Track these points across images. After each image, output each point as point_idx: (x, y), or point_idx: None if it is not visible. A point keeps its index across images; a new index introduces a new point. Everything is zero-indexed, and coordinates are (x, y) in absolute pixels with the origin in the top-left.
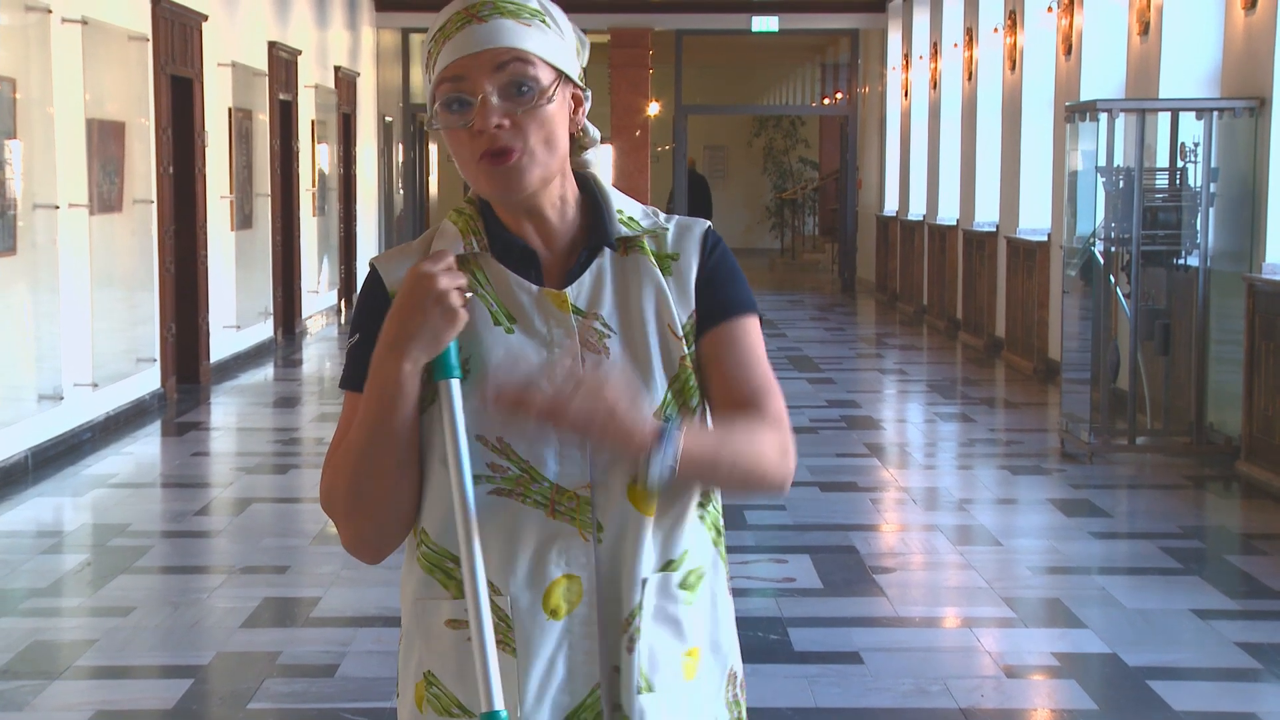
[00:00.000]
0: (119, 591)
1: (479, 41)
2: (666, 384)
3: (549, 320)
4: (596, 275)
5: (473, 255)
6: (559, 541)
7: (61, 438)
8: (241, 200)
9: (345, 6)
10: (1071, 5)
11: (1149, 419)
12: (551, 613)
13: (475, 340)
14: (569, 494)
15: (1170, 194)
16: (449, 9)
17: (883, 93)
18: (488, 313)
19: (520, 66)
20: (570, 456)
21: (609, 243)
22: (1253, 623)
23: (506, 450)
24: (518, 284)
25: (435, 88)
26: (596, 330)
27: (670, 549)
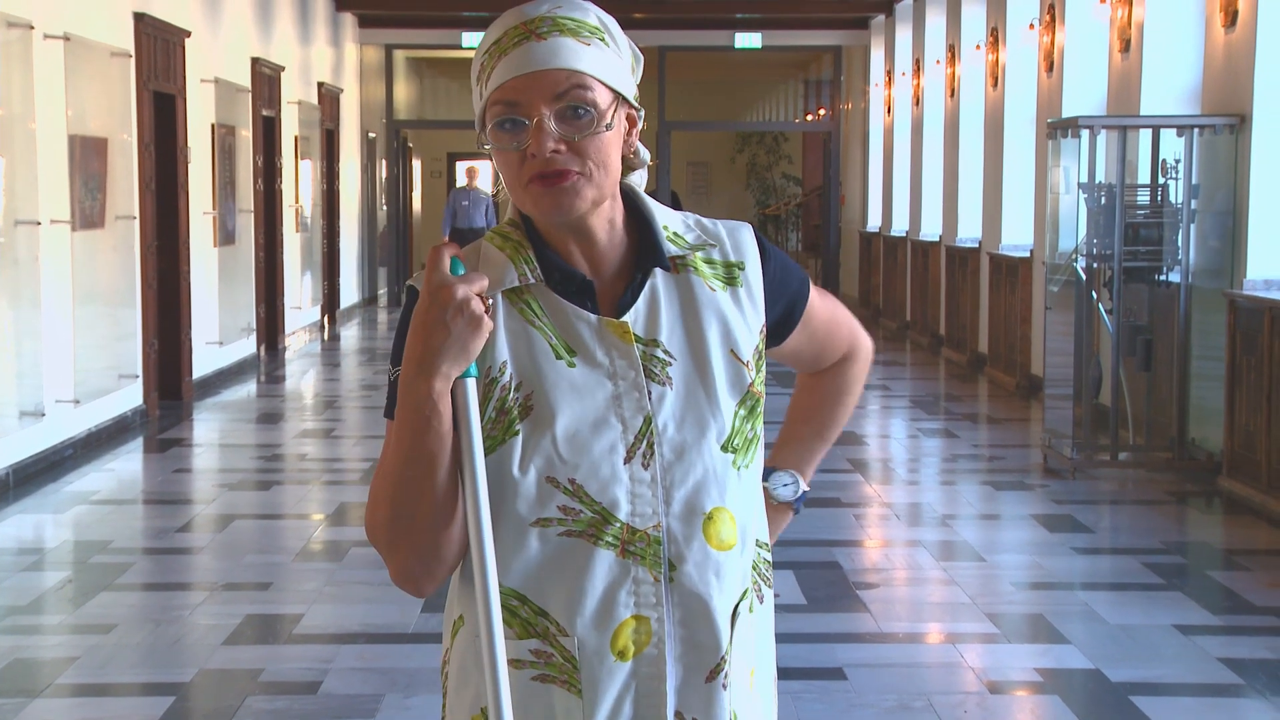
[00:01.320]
0: (100, 609)
1: (537, 61)
2: (733, 409)
3: (611, 352)
4: (650, 299)
5: (526, 286)
6: (629, 582)
7: (43, 454)
8: (224, 216)
9: (328, 23)
10: (1053, 22)
11: (1131, 435)
12: (619, 654)
13: (538, 376)
14: (641, 534)
15: (1152, 210)
16: (504, 21)
17: (865, 109)
18: (548, 346)
19: (579, 91)
20: (642, 496)
21: (662, 264)
22: (1235, 638)
23: (579, 493)
24: (576, 315)
25: (488, 106)
26: (659, 359)
27: (748, 577)
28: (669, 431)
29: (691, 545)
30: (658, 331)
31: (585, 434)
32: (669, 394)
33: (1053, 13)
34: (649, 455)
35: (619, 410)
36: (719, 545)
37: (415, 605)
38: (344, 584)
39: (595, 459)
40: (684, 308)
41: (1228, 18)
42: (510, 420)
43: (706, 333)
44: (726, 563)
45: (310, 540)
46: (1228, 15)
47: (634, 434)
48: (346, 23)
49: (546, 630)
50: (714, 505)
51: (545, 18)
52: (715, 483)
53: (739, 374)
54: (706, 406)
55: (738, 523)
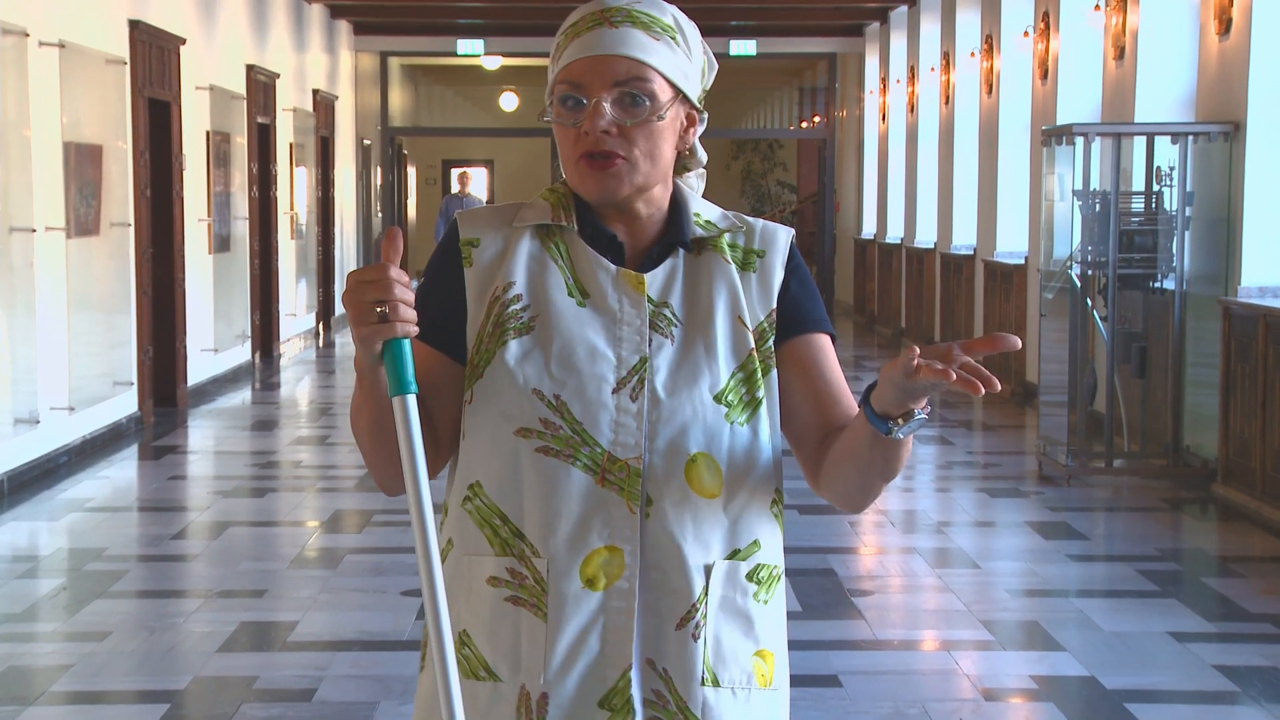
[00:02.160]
0: (95, 616)
1: (605, 46)
2: (732, 369)
3: (622, 299)
4: (670, 271)
5: (559, 228)
6: (604, 510)
7: (37, 461)
8: (219, 223)
9: (324, 30)
10: (1047, 30)
11: (1126, 442)
12: (588, 582)
13: (547, 302)
14: (621, 463)
15: (1146, 218)
16: (586, 7)
17: (860, 116)
18: (563, 281)
19: (639, 81)
20: (626, 426)
21: (684, 243)
22: (1230, 645)
23: (562, 408)
24: (597, 261)
25: (555, 82)
26: (666, 317)
27: (737, 536)
28: (662, 373)
29: (671, 484)
30: (670, 296)
31: (579, 356)
32: (668, 345)
33: (1047, 20)
34: (638, 390)
35: (617, 347)
36: (700, 490)
37: (410, 612)
38: (339, 591)
39: (583, 380)
40: (699, 281)
41: (1222, 25)
42: (503, 332)
43: (715, 299)
44: (706, 510)
45: (305, 547)
46: (1222, 23)
47: (627, 369)
48: (342, 30)
49: (522, 551)
50: (698, 449)
51: (622, 9)
52: (703, 428)
53: (742, 338)
54: (704, 359)
55: (724, 474)
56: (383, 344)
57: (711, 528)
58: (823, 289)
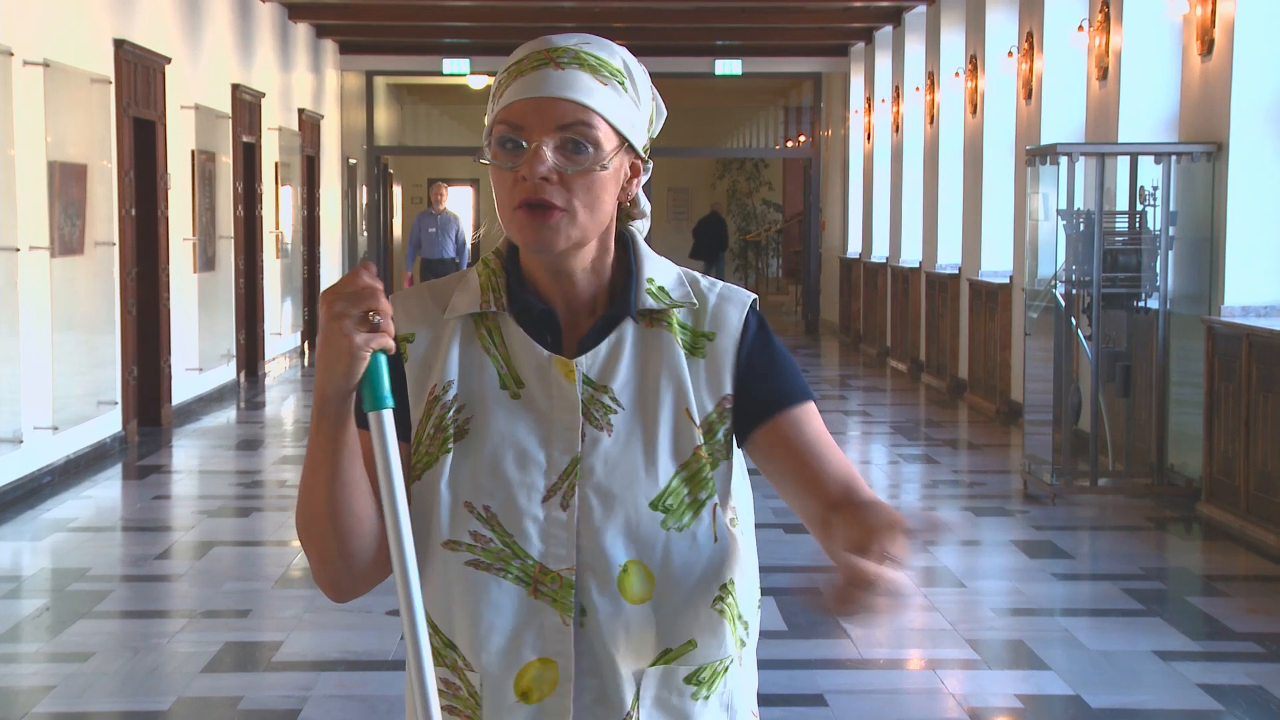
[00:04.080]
0: (78, 637)
1: (549, 88)
2: (674, 470)
3: (552, 390)
4: (614, 345)
5: (491, 314)
6: (537, 622)
7: (20, 481)
8: (204, 242)
9: (309, 49)
10: (1031, 50)
11: (1110, 461)
12: (522, 695)
13: (480, 401)
14: (553, 574)
15: (1130, 237)
16: (531, 45)
17: (845, 136)
18: (496, 375)
19: (583, 127)
20: (556, 536)
21: (630, 314)
22: (1214, 664)
23: (492, 520)
24: (529, 349)
25: (494, 122)
26: (604, 405)
27: (670, 637)
28: (595, 476)
29: (604, 594)
30: (611, 379)
31: (509, 464)
32: (604, 440)
33: (1031, 41)
34: (569, 497)
35: (548, 448)
36: (630, 598)
37: (395, 632)
38: (324, 611)
39: (512, 490)
40: (646, 362)
41: (1204, 46)
42: (445, 438)
43: (661, 390)
44: (637, 616)
45: (290, 567)
46: (1204, 43)
47: (558, 474)
48: (327, 49)
49: (455, 662)
50: (629, 558)
51: (569, 49)
52: (635, 537)
53: (687, 434)
54: (642, 461)
55: (655, 579)
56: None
57: (643, 632)
58: (808, 308)
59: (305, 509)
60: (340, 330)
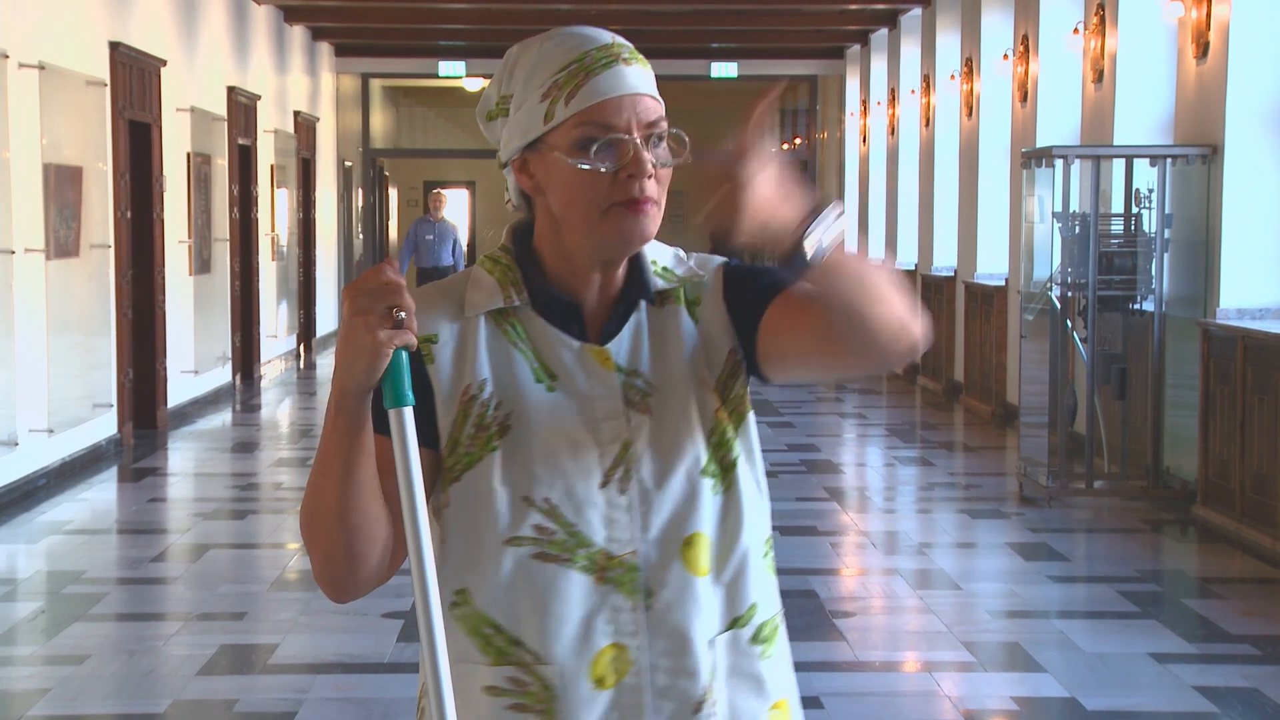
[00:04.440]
0: (73, 639)
1: (632, 84)
2: (705, 440)
3: (592, 379)
4: (635, 330)
5: (512, 309)
6: (606, 609)
7: (16, 484)
8: (200, 245)
9: (305, 52)
10: (1026, 53)
11: (1106, 463)
12: (598, 681)
13: (518, 396)
14: (617, 560)
15: (1125, 239)
16: (572, 43)
17: (841, 138)
18: (528, 369)
19: (664, 123)
20: (618, 521)
21: (648, 297)
22: (1210, 666)
23: (554, 513)
24: (559, 340)
25: (571, 123)
26: (638, 388)
27: (735, 605)
28: (646, 459)
29: (669, 571)
30: (639, 362)
31: (562, 455)
32: (647, 422)
33: (1026, 43)
34: (626, 480)
35: (596, 435)
36: (696, 571)
37: (391, 634)
38: (319, 613)
39: (571, 480)
40: (666, 340)
41: (1199, 49)
42: (489, 436)
43: (683, 364)
44: (703, 589)
45: (285, 570)
46: (1199, 46)
47: (611, 459)
48: (323, 51)
49: (521, 659)
50: (692, 530)
51: (619, 44)
52: (694, 508)
53: (707, 404)
54: (685, 434)
55: (713, 548)
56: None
57: (710, 604)
58: None
59: (313, 507)
60: (363, 326)
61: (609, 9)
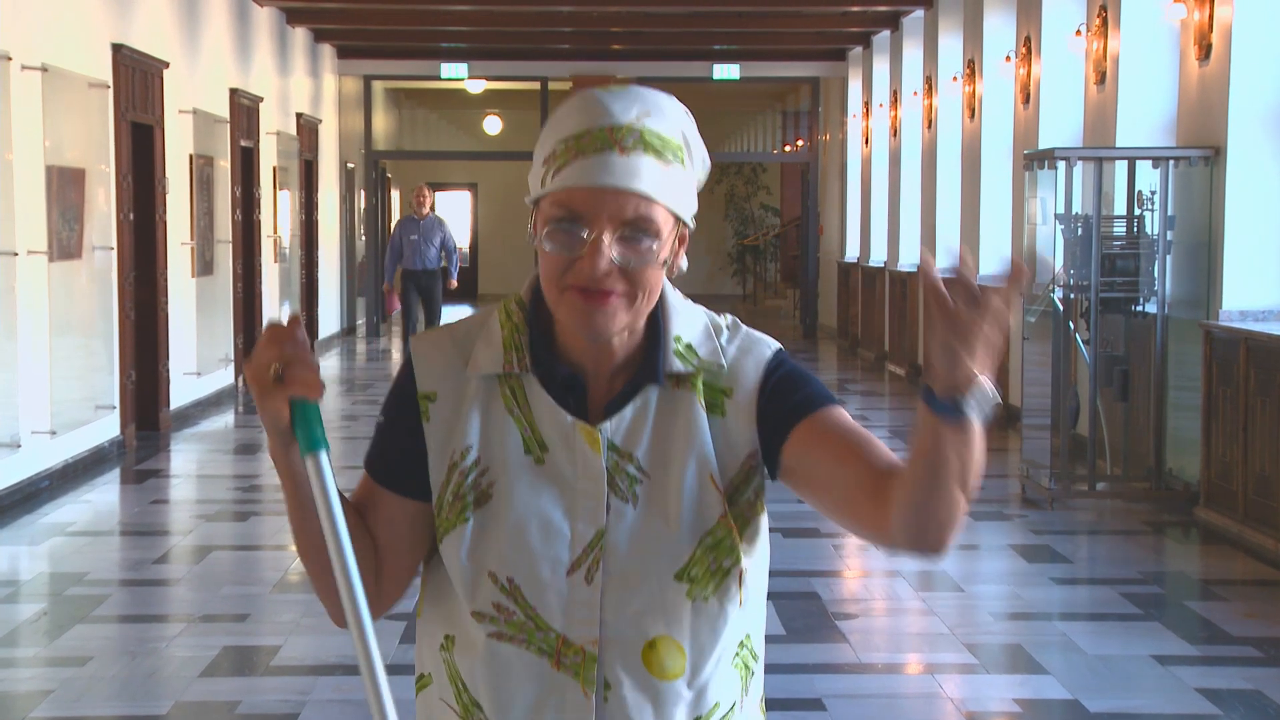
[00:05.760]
0: (76, 641)
1: (614, 177)
2: (696, 541)
3: (577, 458)
4: (640, 409)
5: (513, 375)
6: (558, 696)
7: (19, 485)
8: (202, 247)
9: (307, 54)
10: (1029, 55)
11: (1109, 465)
12: None
13: (503, 467)
14: (575, 648)
15: (1128, 241)
16: (589, 112)
17: (843, 140)
18: (520, 439)
19: (645, 221)
20: (579, 611)
21: (655, 379)
22: (1212, 668)
23: (515, 593)
24: (553, 412)
25: (549, 199)
26: (629, 475)
27: (699, 706)
28: (620, 550)
29: (629, 668)
30: (636, 446)
31: (533, 535)
32: (629, 512)
33: (1029, 45)
34: (594, 570)
35: (573, 519)
36: (660, 674)
37: (393, 637)
38: (321, 615)
39: (535, 562)
40: (671, 427)
41: (1202, 51)
42: (463, 506)
43: (686, 456)
44: (668, 691)
45: (288, 571)
46: (1202, 48)
47: (583, 546)
48: (325, 54)
49: None
50: (658, 633)
51: (633, 129)
52: (661, 611)
53: (711, 502)
54: (665, 532)
55: (687, 654)
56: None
57: (673, 707)
58: (806, 312)
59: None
60: (252, 384)
61: (610, 11)
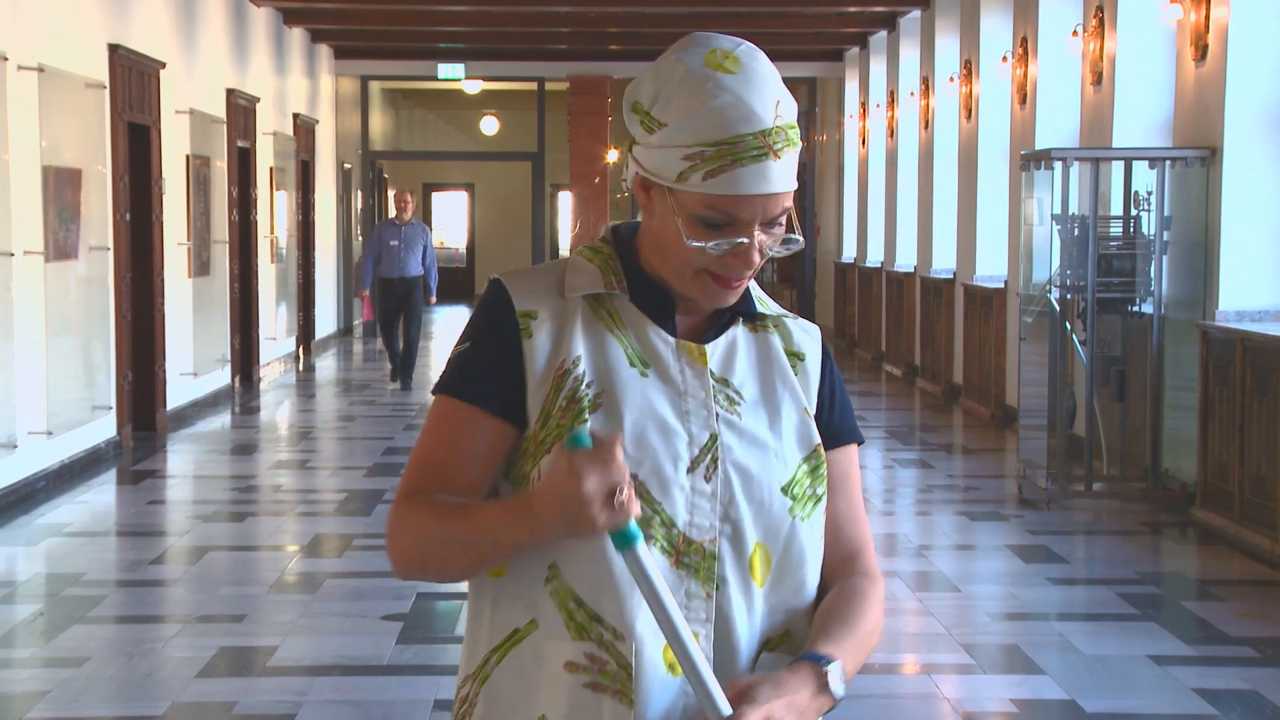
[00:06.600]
0: (72, 642)
1: (772, 183)
2: (800, 458)
3: (685, 370)
4: (731, 343)
5: (611, 296)
6: (681, 594)
7: (15, 486)
8: (199, 247)
9: (304, 54)
10: (1025, 55)
11: (1105, 465)
12: (670, 666)
13: (611, 377)
14: (696, 545)
15: (1124, 242)
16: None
17: (840, 140)
18: (623, 353)
19: (786, 215)
20: (700, 507)
21: (749, 314)
22: (1209, 669)
23: (640, 490)
24: (655, 332)
25: (700, 198)
26: (729, 396)
27: (771, 627)
28: (734, 452)
29: (737, 570)
30: (730, 373)
31: (652, 435)
32: (736, 422)
33: (1026, 45)
34: (712, 469)
35: (686, 422)
36: (757, 579)
37: (390, 637)
38: (318, 616)
39: (658, 460)
40: (760, 361)
41: (1198, 51)
42: (580, 410)
43: (779, 386)
44: (757, 599)
45: (285, 572)
46: (1198, 49)
47: (699, 447)
48: (322, 54)
49: (601, 636)
50: (758, 540)
51: (781, 130)
52: (767, 520)
53: (809, 429)
54: (772, 448)
55: (773, 565)
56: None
57: (755, 616)
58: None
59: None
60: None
61: (607, 12)
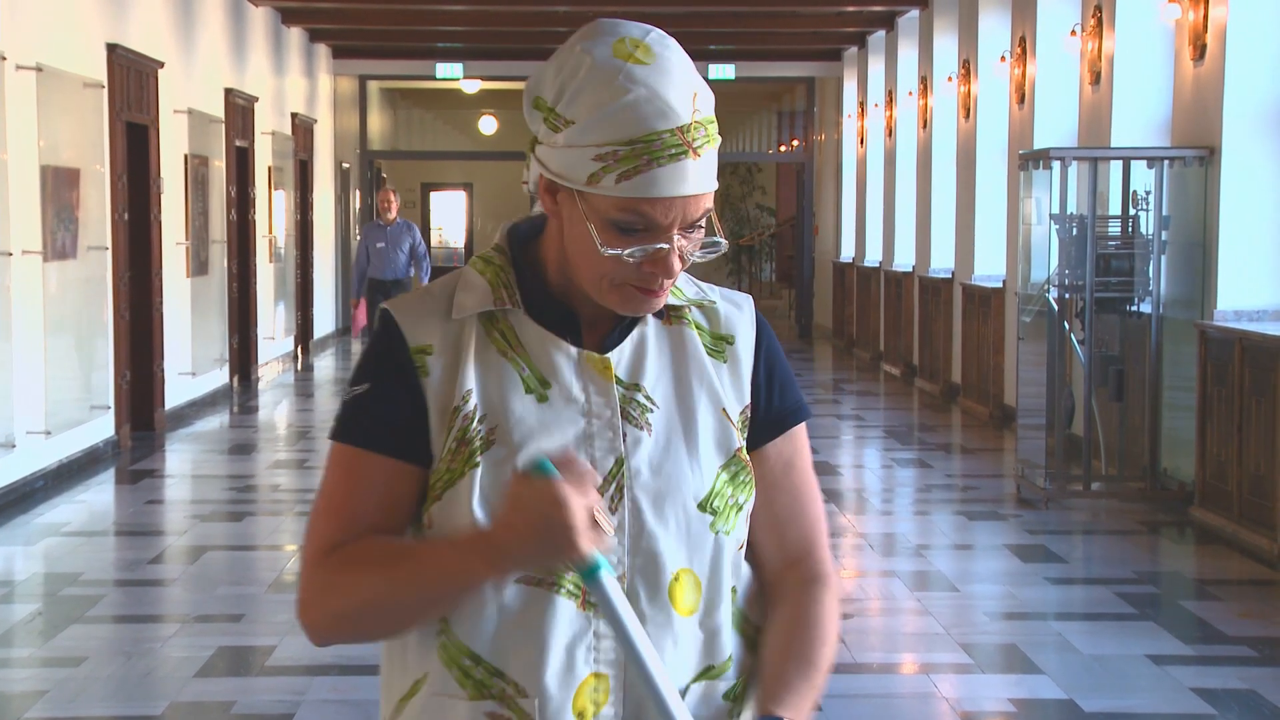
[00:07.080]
0: (70, 641)
1: (691, 184)
2: (718, 468)
3: (588, 387)
4: (638, 343)
5: (503, 313)
6: (589, 636)
7: (13, 486)
8: (197, 247)
9: (302, 53)
10: (1024, 55)
11: (1104, 465)
12: (579, 715)
13: (504, 410)
14: None
15: (1123, 241)
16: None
17: (839, 140)
18: (518, 378)
19: (707, 214)
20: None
21: (656, 311)
22: (1207, 668)
23: None
24: (555, 345)
25: (614, 202)
26: (639, 404)
27: (711, 653)
28: (642, 477)
29: (654, 604)
30: (641, 376)
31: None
32: (646, 439)
33: (1024, 45)
34: (617, 500)
35: (589, 450)
36: (680, 609)
37: None
38: None
39: None
40: (673, 358)
41: (1196, 51)
42: (470, 452)
43: (694, 386)
44: (683, 629)
45: (283, 571)
46: (1196, 49)
47: (602, 476)
48: (320, 53)
49: (503, 692)
50: (681, 566)
51: (700, 125)
52: (686, 541)
53: (727, 433)
54: (687, 460)
55: (702, 590)
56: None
57: (688, 647)
58: (801, 312)
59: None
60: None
61: (607, 10)
